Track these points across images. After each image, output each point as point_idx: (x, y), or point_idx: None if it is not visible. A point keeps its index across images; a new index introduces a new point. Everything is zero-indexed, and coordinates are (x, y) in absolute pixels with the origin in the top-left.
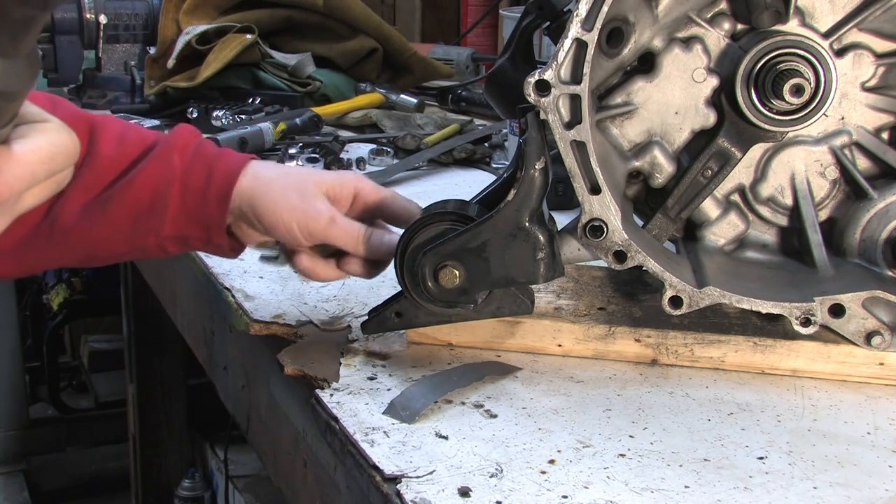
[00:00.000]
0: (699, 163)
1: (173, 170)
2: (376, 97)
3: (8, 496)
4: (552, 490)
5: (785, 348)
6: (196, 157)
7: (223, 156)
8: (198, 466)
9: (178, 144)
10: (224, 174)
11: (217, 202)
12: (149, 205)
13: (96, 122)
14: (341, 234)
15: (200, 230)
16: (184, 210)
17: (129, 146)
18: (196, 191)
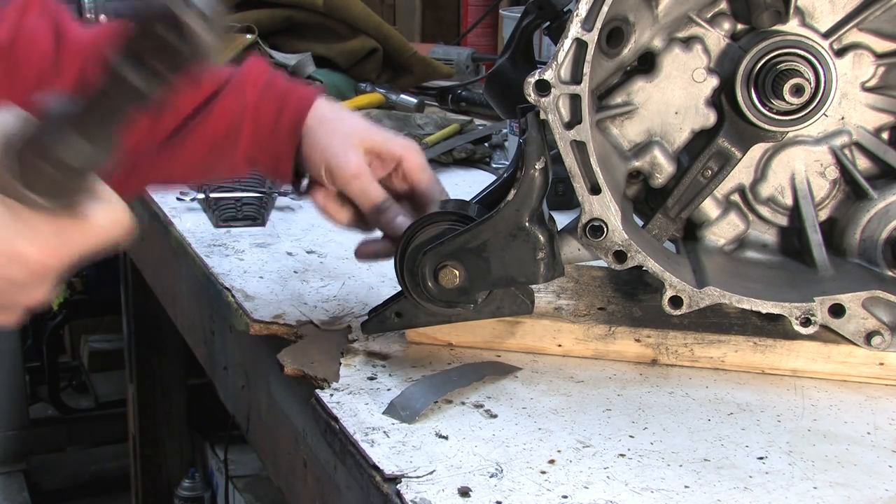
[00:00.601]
0: (699, 163)
1: (245, 104)
2: (376, 97)
3: (8, 496)
4: (552, 490)
5: (785, 348)
6: (267, 91)
7: (293, 90)
8: (198, 466)
9: (251, 78)
10: (294, 110)
11: (287, 135)
12: (223, 136)
13: None
14: (359, 192)
15: (269, 158)
16: (255, 141)
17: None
18: (267, 124)
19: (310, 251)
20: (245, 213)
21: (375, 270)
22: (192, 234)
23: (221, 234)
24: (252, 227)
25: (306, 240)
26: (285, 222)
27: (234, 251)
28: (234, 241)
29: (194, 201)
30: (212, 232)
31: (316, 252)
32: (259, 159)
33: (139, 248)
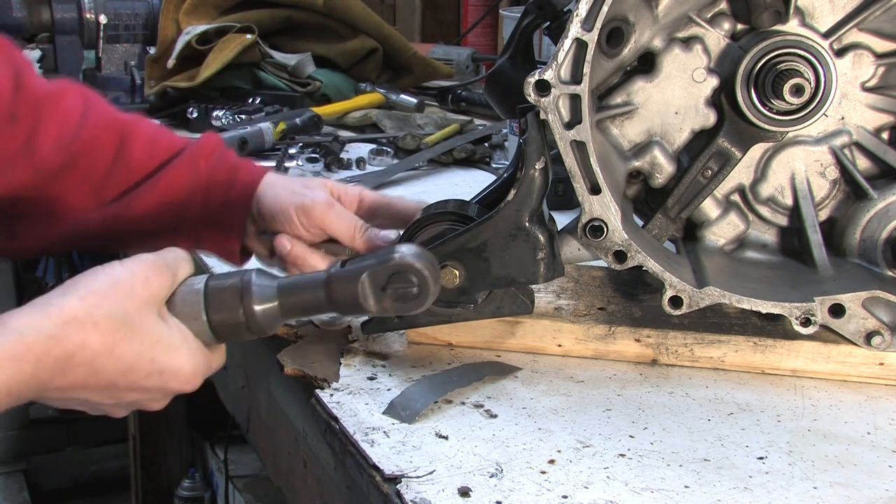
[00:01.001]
0: (699, 163)
1: (199, 174)
2: (376, 97)
3: (8, 496)
4: (552, 490)
5: (785, 348)
6: (220, 164)
7: (244, 164)
8: (198, 466)
9: (205, 150)
10: (245, 182)
11: (238, 207)
12: (172, 202)
13: (127, 126)
14: (338, 222)
15: (217, 232)
16: (205, 212)
17: (160, 148)
18: (219, 195)
19: None
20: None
21: None
22: None
23: None
24: None
25: None
26: None
27: None
28: None
29: None
30: None
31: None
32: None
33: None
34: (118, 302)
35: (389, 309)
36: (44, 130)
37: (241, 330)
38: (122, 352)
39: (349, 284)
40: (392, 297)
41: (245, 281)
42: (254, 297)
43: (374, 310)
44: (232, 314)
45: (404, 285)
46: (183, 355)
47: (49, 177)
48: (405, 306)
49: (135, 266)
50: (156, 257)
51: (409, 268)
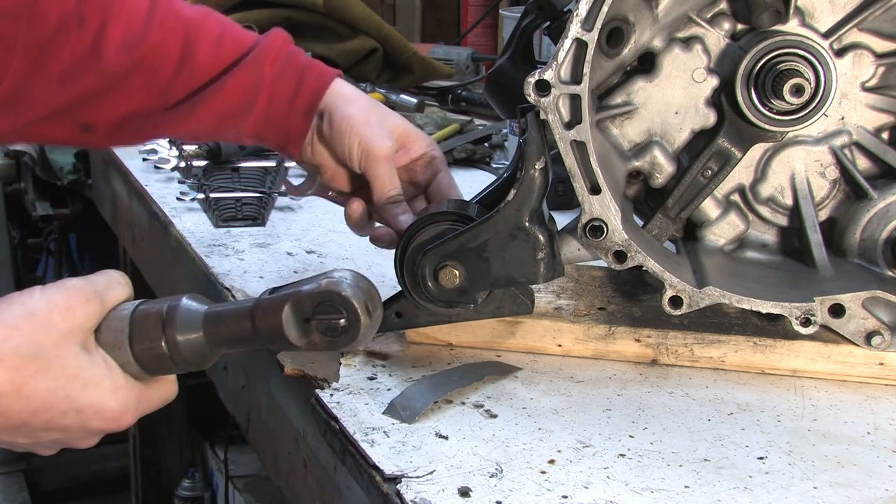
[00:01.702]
0: (699, 163)
1: (263, 78)
2: (376, 97)
3: (8, 496)
4: (552, 490)
5: (785, 348)
6: (287, 67)
7: (312, 68)
8: (198, 466)
9: (271, 52)
10: (312, 87)
11: (302, 113)
12: (236, 109)
13: (193, 26)
14: (380, 179)
15: (279, 136)
16: (267, 116)
17: (225, 51)
18: (283, 101)
19: (310, 251)
20: (245, 213)
21: (375, 270)
22: (192, 234)
23: (221, 234)
24: (252, 227)
25: (306, 240)
26: (285, 222)
27: (234, 251)
28: (234, 241)
29: (194, 201)
30: (212, 232)
31: (316, 252)
32: (267, 136)
33: (139, 248)
34: (30, 335)
35: (318, 343)
36: (110, 33)
37: (167, 361)
38: (31, 390)
39: (272, 315)
40: (318, 329)
41: (170, 308)
42: (177, 327)
43: (300, 344)
44: (154, 344)
45: (331, 317)
46: (105, 391)
47: (115, 80)
48: (334, 341)
49: (56, 294)
50: (83, 283)
51: (336, 297)
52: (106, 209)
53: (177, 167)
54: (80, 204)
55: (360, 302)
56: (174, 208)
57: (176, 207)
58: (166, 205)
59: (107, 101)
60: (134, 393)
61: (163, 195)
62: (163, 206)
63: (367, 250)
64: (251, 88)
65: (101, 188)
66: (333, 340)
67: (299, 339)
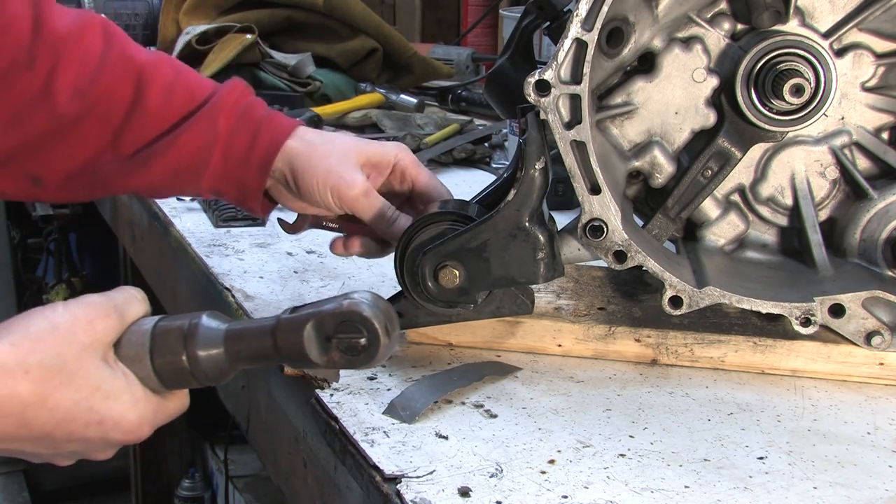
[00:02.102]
0: (699, 163)
1: (217, 133)
2: (376, 97)
3: (8, 496)
4: (552, 490)
5: (785, 348)
6: (242, 121)
7: (269, 121)
8: (198, 466)
9: (227, 105)
10: (268, 142)
11: (258, 169)
12: (189, 164)
13: (146, 72)
14: (369, 208)
15: (236, 191)
16: (223, 172)
17: (177, 100)
18: (237, 156)
19: (310, 251)
20: (245, 214)
21: (375, 270)
22: (192, 234)
23: (221, 234)
24: (252, 227)
25: (306, 240)
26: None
27: (234, 251)
28: (234, 241)
29: (194, 201)
30: (212, 232)
31: (316, 252)
32: (225, 192)
33: (139, 248)
34: (55, 348)
35: (337, 362)
36: (61, 75)
37: (187, 375)
38: (56, 401)
39: (294, 334)
40: (339, 348)
41: (192, 325)
42: (198, 342)
43: (320, 362)
44: (175, 359)
45: (352, 336)
46: (125, 403)
47: (66, 125)
48: (354, 360)
49: (77, 309)
50: (103, 299)
51: (357, 317)
52: (106, 209)
53: None
54: (80, 204)
55: (381, 322)
56: (174, 208)
57: (176, 207)
58: (166, 205)
59: (58, 149)
60: (151, 406)
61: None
62: (163, 206)
63: None
64: (205, 143)
65: None
66: (352, 359)
67: (319, 357)
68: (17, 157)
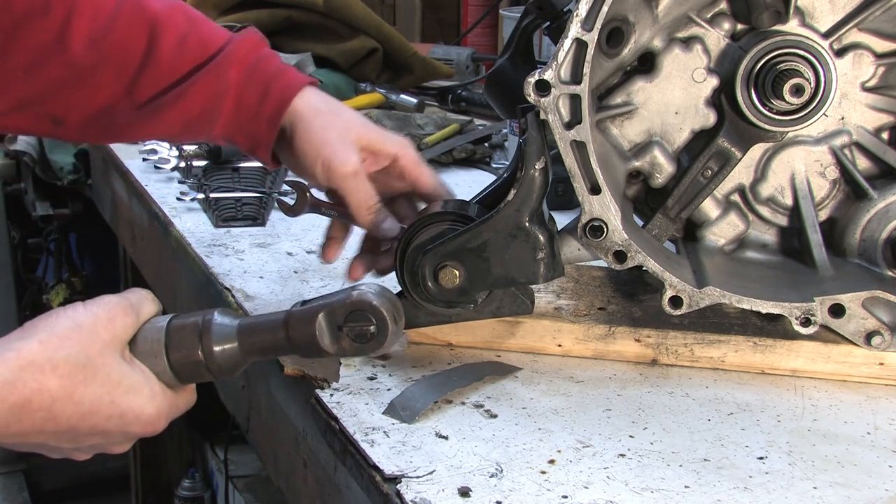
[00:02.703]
0: (699, 163)
1: (228, 84)
2: (376, 97)
3: (8, 496)
4: (552, 490)
5: (785, 348)
6: (253, 74)
7: (281, 75)
8: (198, 466)
9: (238, 57)
10: (278, 97)
11: (268, 122)
12: (200, 115)
13: (160, 22)
14: (354, 190)
15: (248, 141)
16: (235, 122)
17: (190, 51)
18: (249, 108)
19: (310, 251)
20: (245, 213)
21: None
22: (192, 234)
23: (221, 234)
24: (252, 227)
25: (306, 240)
26: (285, 222)
27: (234, 251)
28: (234, 241)
29: (194, 201)
30: (212, 232)
31: (316, 252)
32: (237, 140)
33: (139, 248)
34: (79, 345)
35: (348, 350)
36: (76, 24)
37: (202, 369)
38: (81, 395)
39: (306, 325)
40: (349, 336)
41: (206, 320)
42: (213, 337)
43: (332, 350)
44: (191, 353)
45: (362, 324)
46: (144, 397)
47: (82, 74)
48: (363, 347)
49: (98, 308)
50: (119, 298)
51: (366, 306)
52: (106, 209)
53: (177, 167)
54: (80, 204)
55: (388, 311)
56: (174, 208)
57: (176, 207)
58: (166, 205)
59: (75, 95)
60: (167, 400)
61: (163, 195)
62: (163, 206)
63: None
64: (215, 95)
65: (101, 188)
66: (363, 346)
67: (331, 346)
68: (37, 101)
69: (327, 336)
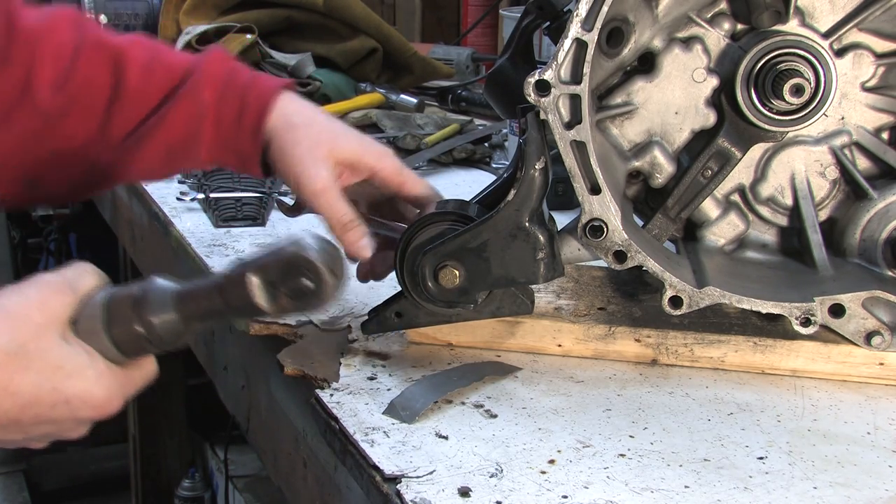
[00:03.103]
0: (699, 163)
1: (205, 105)
2: (376, 97)
3: (8, 496)
4: (552, 490)
5: (785, 348)
6: (228, 90)
7: (254, 85)
8: (198, 466)
9: (209, 76)
10: (256, 107)
11: (251, 135)
12: (182, 140)
13: (121, 54)
14: (326, 208)
15: (236, 159)
16: (219, 141)
17: (158, 79)
18: (229, 124)
19: None
20: (245, 213)
21: None
22: (192, 234)
23: (221, 234)
24: (252, 227)
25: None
26: (285, 222)
27: (234, 251)
28: (234, 241)
29: (194, 201)
30: (212, 232)
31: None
32: (226, 161)
33: (139, 248)
34: (10, 332)
35: (288, 307)
36: (39, 70)
37: (144, 343)
38: (18, 386)
39: (241, 287)
40: (287, 294)
41: (142, 290)
42: (150, 308)
43: (271, 310)
44: (129, 327)
45: (298, 281)
46: (90, 380)
47: (52, 120)
48: (303, 304)
49: (30, 290)
50: (54, 276)
51: (301, 261)
52: (106, 209)
53: None
54: (80, 204)
55: (325, 264)
56: (174, 208)
57: (176, 207)
58: (166, 205)
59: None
60: (117, 378)
61: (163, 195)
62: (163, 206)
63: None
64: (193, 118)
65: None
66: (302, 303)
67: (269, 306)
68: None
69: (263, 296)
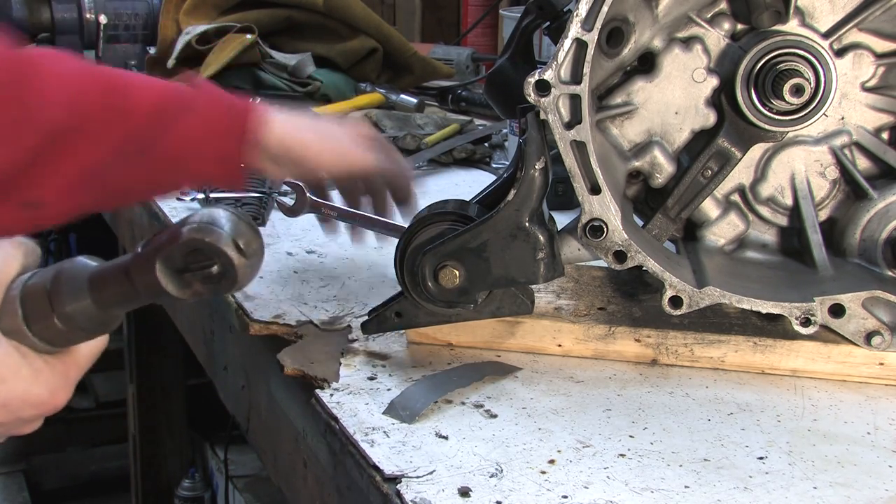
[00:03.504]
0: (699, 163)
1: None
2: (376, 97)
3: (8, 496)
4: (552, 490)
5: (785, 348)
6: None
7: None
8: (198, 466)
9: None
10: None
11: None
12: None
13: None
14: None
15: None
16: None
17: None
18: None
19: (310, 251)
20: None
21: (375, 270)
22: None
23: None
24: None
25: (306, 240)
26: (285, 222)
27: None
28: None
29: (194, 201)
30: None
31: (316, 252)
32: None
33: None
34: None
35: (203, 292)
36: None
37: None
38: None
39: (147, 273)
40: (197, 279)
41: (55, 279)
42: (64, 298)
43: (186, 296)
44: (48, 322)
45: (203, 265)
46: (26, 379)
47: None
48: (216, 287)
49: None
50: None
51: (200, 244)
52: None
53: None
54: None
55: (228, 245)
56: (174, 208)
57: (176, 207)
58: (166, 205)
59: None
60: (57, 370)
61: (162, 196)
62: (163, 207)
63: (367, 250)
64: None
65: None
66: (215, 287)
67: (182, 293)
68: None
69: (172, 284)
